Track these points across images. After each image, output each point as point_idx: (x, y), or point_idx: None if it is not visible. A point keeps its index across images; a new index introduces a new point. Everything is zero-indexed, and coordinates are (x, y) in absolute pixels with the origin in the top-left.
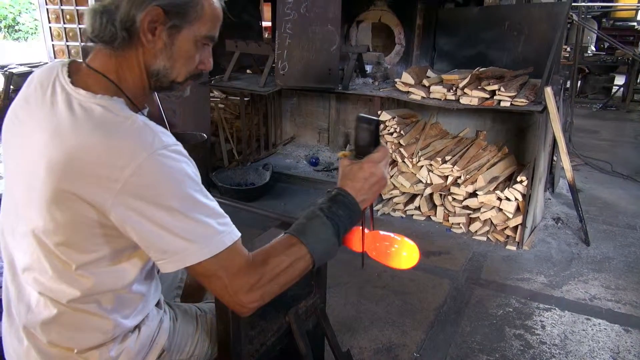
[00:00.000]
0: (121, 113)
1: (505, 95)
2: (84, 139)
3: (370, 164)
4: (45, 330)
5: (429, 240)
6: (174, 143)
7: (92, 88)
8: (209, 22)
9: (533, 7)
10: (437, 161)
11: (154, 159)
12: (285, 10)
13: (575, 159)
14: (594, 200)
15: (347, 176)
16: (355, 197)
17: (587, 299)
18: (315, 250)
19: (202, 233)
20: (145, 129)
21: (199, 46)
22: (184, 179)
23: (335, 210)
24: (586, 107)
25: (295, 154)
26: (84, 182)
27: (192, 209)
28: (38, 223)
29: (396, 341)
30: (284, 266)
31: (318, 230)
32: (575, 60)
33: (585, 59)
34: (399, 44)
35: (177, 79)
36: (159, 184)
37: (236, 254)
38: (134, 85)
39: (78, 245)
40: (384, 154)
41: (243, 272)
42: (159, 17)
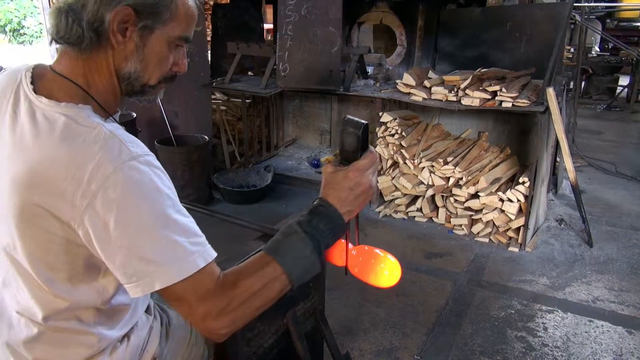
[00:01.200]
0: (86, 122)
1: (507, 96)
2: (47, 152)
3: (356, 172)
4: (28, 349)
5: (431, 242)
6: (143, 153)
7: (56, 95)
8: (183, 23)
9: (535, 7)
10: (439, 162)
11: (121, 172)
12: (286, 12)
13: (579, 160)
14: (597, 201)
15: (331, 185)
16: (339, 208)
17: (590, 300)
18: (293, 270)
19: (171, 254)
20: (112, 139)
21: (173, 47)
22: (154, 193)
23: (315, 224)
24: (590, 107)
25: (297, 156)
26: (49, 198)
27: (161, 226)
28: (8, 240)
29: (397, 343)
30: (255, 288)
31: (295, 248)
32: (578, 61)
33: (589, 60)
34: (401, 46)
35: (150, 82)
36: (126, 200)
37: (207, 276)
38: (104, 89)
39: (49, 263)
40: (372, 161)
41: (212, 296)
42: (130, 17)
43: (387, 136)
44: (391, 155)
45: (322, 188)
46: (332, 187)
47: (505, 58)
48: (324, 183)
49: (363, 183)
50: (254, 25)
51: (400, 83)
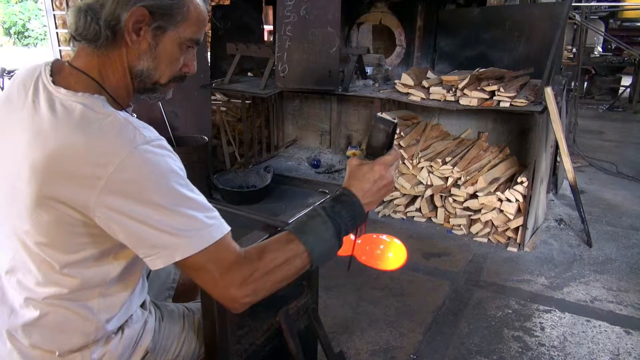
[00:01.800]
0: (102, 110)
1: (505, 96)
2: (65, 138)
3: (381, 166)
4: (27, 333)
5: (430, 242)
6: (156, 137)
7: (73, 86)
8: (194, 25)
9: (534, 7)
10: (438, 162)
11: (137, 155)
12: (285, 12)
13: (580, 160)
14: (598, 201)
15: (356, 176)
16: (361, 198)
17: (587, 300)
18: (314, 249)
19: (189, 227)
20: (126, 125)
21: (184, 49)
22: (168, 174)
23: (338, 210)
24: (592, 108)
25: (297, 156)
26: (67, 182)
27: (178, 203)
28: (22, 225)
29: (393, 343)
30: (279, 262)
31: (318, 229)
32: (579, 61)
33: (592, 60)
34: (400, 46)
35: (160, 80)
36: (142, 180)
37: (226, 247)
38: (117, 84)
39: (62, 246)
40: (396, 158)
41: (235, 266)
42: (144, 17)
43: None
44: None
45: (347, 179)
46: (356, 178)
47: (504, 58)
48: (348, 174)
49: (387, 177)
50: (253, 26)
51: (398, 83)
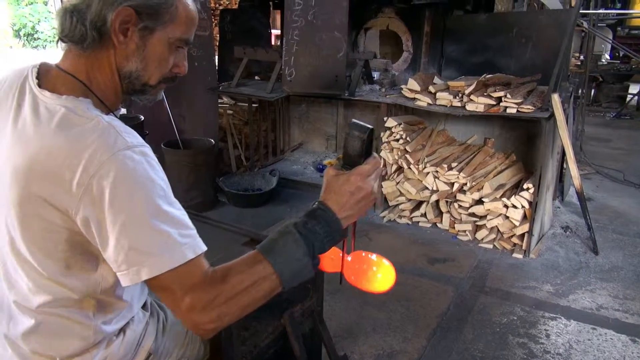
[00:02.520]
0: (85, 114)
1: (512, 102)
2: (46, 141)
3: (358, 177)
4: (25, 340)
5: (435, 247)
6: (139, 144)
7: (58, 89)
8: (183, 25)
9: (541, 14)
10: (443, 168)
11: (116, 160)
12: (292, 17)
13: (587, 168)
14: (604, 209)
15: (332, 188)
16: (338, 212)
17: (593, 308)
18: (283, 271)
19: (160, 244)
20: (108, 130)
21: (173, 49)
22: (147, 183)
23: (311, 227)
24: (600, 115)
25: (303, 160)
26: (48, 186)
27: (152, 215)
28: (8, 230)
29: (397, 348)
30: (244, 285)
31: (288, 249)
32: (586, 68)
33: (599, 68)
34: (407, 51)
35: (150, 81)
36: (118, 186)
37: (195, 268)
38: (105, 86)
39: (49, 251)
40: (375, 166)
41: (198, 289)
42: (131, 17)
43: (391, 141)
44: (395, 160)
45: (323, 191)
46: (332, 190)
47: (511, 64)
48: (324, 186)
49: (364, 188)
50: (261, 30)
51: (405, 88)
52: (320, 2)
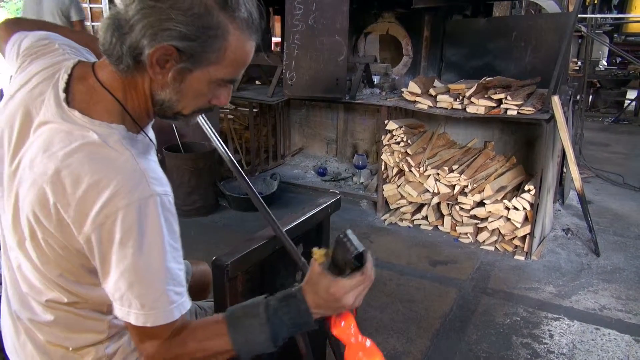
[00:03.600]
0: (116, 146)
1: (512, 104)
2: (72, 166)
3: (338, 290)
4: (39, 329)
5: (436, 250)
6: (162, 192)
7: (92, 108)
8: (229, 67)
9: (540, 17)
10: (444, 170)
11: (133, 209)
12: (293, 21)
13: (586, 171)
14: (604, 211)
15: (312, 286)
16: (312, 307)
17: (596, 309)
18: (241, 349)
19: (152, 300)
20: (135, 173)
21: (213, 86)
22: (157, 239)
23: (281, 315)
24: (598, 120)
25: (303, 165)
26: (65, 207)
27: (155, 272)
28: (20, 237)
29: (401, 349)
30: (201, 355)
31: (252, 331)
32: (585, 73)
33: (597, 73)
34: (407, 56)
35: (183, 111)
36: (128, 238)
37: (167, 326)
38: (138, 106)
39: (59, 265)
40: (361, 283)
41: (159, 345)
42: (171, 55)
43: (392, 144)
44: (396, 163)
45: (305, 282)
46: (313, 289)
47: (510, 68)
48: (307, 278)
49: (342, 302)
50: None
51: (405, 91)
52: (321, 6)
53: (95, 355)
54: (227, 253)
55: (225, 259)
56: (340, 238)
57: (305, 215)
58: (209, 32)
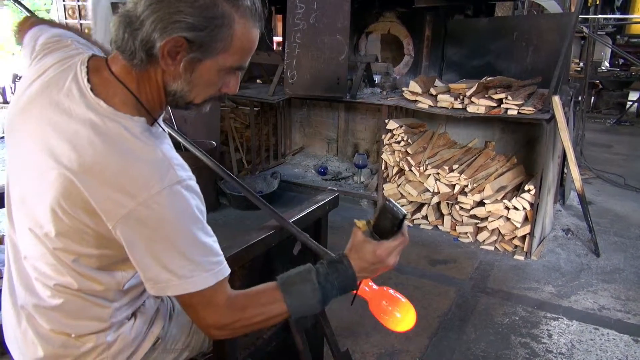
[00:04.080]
0: (143, 137)
1: (512, 104)
2: (101, 157)
3: (384, 251)
4: (43, 316)
5: (436, 249)
6: (187, 177)
7: (112, 100)
8: (237, 54)
9: (541, 18)
10: (444, 170)
11: (164, 194)
12: (294, 20)
13: (588, 172)
14: (605, 212)
15: (357, 251)
16: (357, 272)
17: (595, 309)
18: (296, 311)
19: (188, 271)
20: (162, 161)
21: (223, 74)
22: (188, 218)
23: (331, 279)
24: (600, 122)
25: (304, 164)
26: (95, 196)
27: (186, 245)
28: (36, 222)
29: (399, 347)
30: (260, 319)
31: (306, 295)
32: (586, 73)
33: (599, 74)
34: (408, 55)
35: (195, 101)
36: (163, 220)
37: (218, 293)
38: (152, 97)
39: (78, 250)
40: (402, 244)
41: (219, 313)
42: (182, 45)
43: (393, 143)
44: (397, 163)
45: (349, 248)
46: (357, 254)
47: (511, 67)
48: (351, 245)
49: (386, 262)
50: (263, 34)
51: (406, 90)
52: (322, 5)
53: (95, 343)
54: (224, 247)
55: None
56: (387, 205)
57: (304, 212)
58: (215, 22)
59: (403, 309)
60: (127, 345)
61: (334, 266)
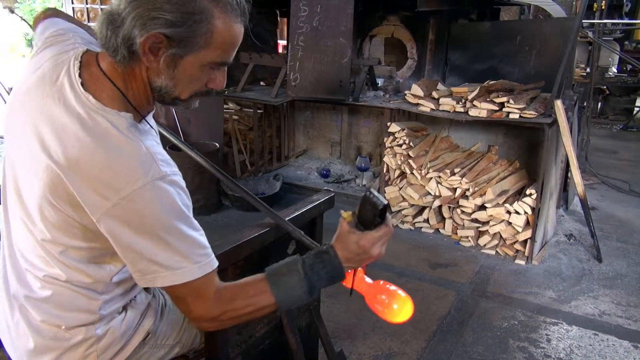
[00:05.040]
0: (128, 133)
1: (514, 108)
2: (86, 151)
3: (367, 242)
4: (34, 307)
5: (437, 253)
6: (171, 173)
7: (101, 96)
8: (218, 50)
9: (544, 22)
10: (446, 173)
11: (148, 189)
12: (298, 23)
13: (592, 178)
14: (609, 218)
15: (343, 243)
16: (343, 262)
17: (596, 314)
18: (283, 302)
19: (175, 262)
20: (146, 156)
21: (206, 70)
22: (172, 212)
23: (317, 270)
24: (606, 127)
25: (307, 166)
26: (81, 189)
27: (173, 239)
28: (27, 213)
29: (396, 349)
30: (248, 310)
31: (292, 287)
32: (591, 78)
33: (606, 80)
34: (411, 59)
35: (181, 96)
36: (146, 214)
37: (206, 285)
38: (139, 94)
39: (65, 243)
40: (385, 234)
41: (208, 304)
42: (161, 42)
43: (394, 146)
44: (398, 166)
45: (335, 239)
46: (343, 245)
47: (514, 72)
48: (337, 236)
49: (370, 253)
50: (267, 37)
51: (408, 94)
52: (326, 8)
53: (85, 336)
54: (216, 244)
55: (215, 250)
56: (367, 195)
57: (299, 211)
58: (194, 17)
59: (399, 300)
60: (117, 339)
61: (320, 256)
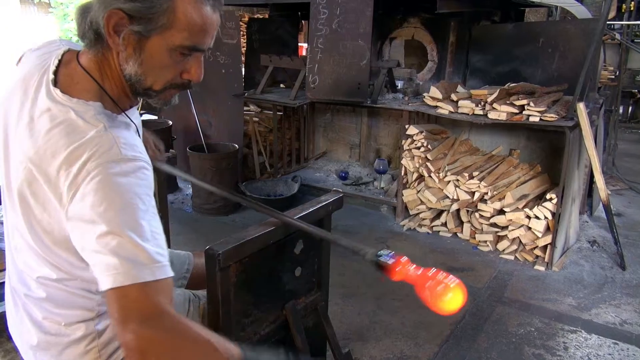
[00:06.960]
0: (91, 120)
1: (535, 110)
2: (50, 142)
3: None
4: (34, 305)
5: (454, 257)
6: (133, 157)
7: (72, 87)
8: (184, 32)
9: (567, 23)
10: (464, 176)
11: (103, 170)
12: (317, 25)
13: (619, 183)
14: (635, 225)
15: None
16: None
17: (617, 323)
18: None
19: (132, 257)
20: (107, 139)
21: (177, 56)
22: (128, 196)
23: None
24: (637, 132)
25: (326, 168)
26: (49, 185)
27: (129, 228)
28: (15, 215)
29: (408, 353)
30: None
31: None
32: (619, 81)
33: (637, 83)
34: (432, 61)
35: (154, 86)
36: (99, 196)
37: (158, 291)
38: (115, 85)
39: (49, 243)
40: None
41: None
42: (122, 20)
43: (413, 149)
44: (416, 168)
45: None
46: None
47: (536, 74)
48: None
49: None
50: (288, 39)
51: (427, 96)
52: (345, 11)
53: (85, 331)
54: (220, 242)
55: (218, 248)
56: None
57: (306, 211)
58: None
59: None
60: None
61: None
